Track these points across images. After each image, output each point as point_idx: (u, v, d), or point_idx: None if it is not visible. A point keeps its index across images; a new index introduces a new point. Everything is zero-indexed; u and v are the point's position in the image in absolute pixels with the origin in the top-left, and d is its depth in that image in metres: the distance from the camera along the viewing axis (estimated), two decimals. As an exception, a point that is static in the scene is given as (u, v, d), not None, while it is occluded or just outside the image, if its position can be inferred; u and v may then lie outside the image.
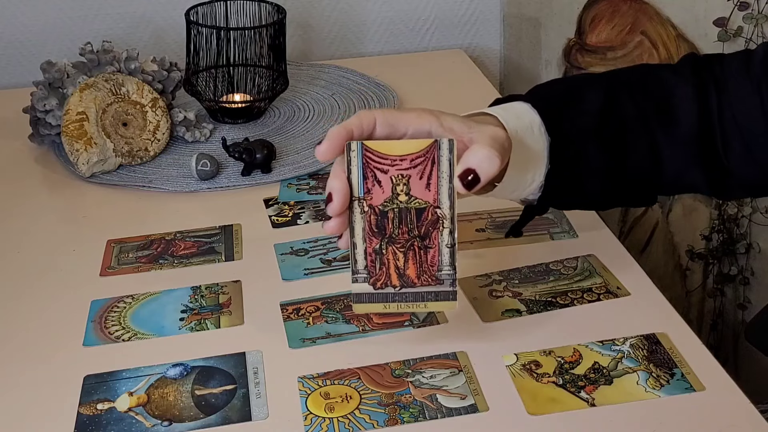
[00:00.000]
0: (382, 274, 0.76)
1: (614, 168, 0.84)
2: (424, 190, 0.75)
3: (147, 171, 1.15)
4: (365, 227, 0.76)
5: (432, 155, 0.74)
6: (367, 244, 0.76)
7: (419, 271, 0.76)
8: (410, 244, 0.76)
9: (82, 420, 0.77)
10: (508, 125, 0.79)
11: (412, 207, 0.75)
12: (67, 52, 1.38)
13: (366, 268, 0.76)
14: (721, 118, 0.85)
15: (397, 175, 0.74)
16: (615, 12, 1.42)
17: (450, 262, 0.76)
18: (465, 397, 0.77)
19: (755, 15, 1.32)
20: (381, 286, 0.76)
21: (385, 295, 0.76)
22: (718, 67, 0.87)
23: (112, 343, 0.86)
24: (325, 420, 0.76)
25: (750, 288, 1.48)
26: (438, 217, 0.75)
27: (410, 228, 0.75)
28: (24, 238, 1.04)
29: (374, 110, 0.76)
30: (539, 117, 0.82)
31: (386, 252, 0.76)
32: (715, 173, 0.86)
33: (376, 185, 0.75)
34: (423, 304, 0.77)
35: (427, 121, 0.76)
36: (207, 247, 1.00)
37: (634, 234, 1.51)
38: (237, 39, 1.22)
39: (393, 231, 0.76)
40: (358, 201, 0.75)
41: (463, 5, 1.55)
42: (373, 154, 0.74)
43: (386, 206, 0.75)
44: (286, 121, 1.27)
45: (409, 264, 0.76)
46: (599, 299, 0.89)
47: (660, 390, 0.77)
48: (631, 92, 0.86)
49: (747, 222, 1.44)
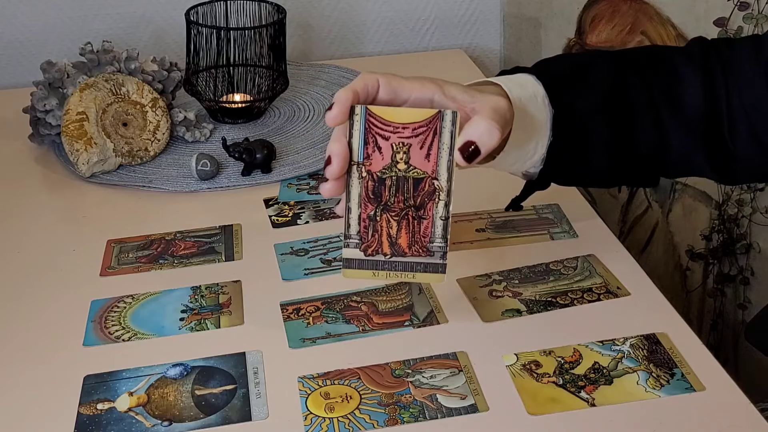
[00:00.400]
0: (374, 241, 0.76)
1: (620, 145, 0.84)
2: (424, 160, 0.75)
3: (147, 171, 1.15)
4: (362, 193, 0.76)
5: (435, 126, 0.74)
6: (362, 210, 0.76)
7: (411, 241, 0.76)
8: (405, 213, 0.76)
9: (82, 420, 0.77)
10: (511, 93, 0.79)
11: (410, 176, 0.75)
12: (67, 52, 1.38)
13: (358, 234, 0.76)
14: (728, 103, 0.84)
15: (398, 143, 0.74)
16: (615, 12, 1.42)
17: (442, 235, 0.76)
18: (465, 397, 0.77)
19: (755, 15, 1.32)
20: (372, 253, 0.77)
21: (375, 263, 0.77)
22: (727, 51, 0.87)
23: (112, 343, 0.86)
24: (325, 420, 0.76)
25: (750, 288, 1.48)
26: (435, 188, 0.75)
27: (406, 197, 0.76)
28: (24, 238, 1.04)
29: (378, 73, 0.76)
30: (543, 89, 0.82)
31: (380, 219, 0.76)
32: (720, 157, 0.86)
33: (377, 151, 0.75)
34: (411, 274, 0.77)
35: (430, 90, 0.76)
36: (207, 247, 1.00)
37: (634, 234, 1.51)
38: (237, 39, 1.22)
39: (389, 199, 0.76)
40: (357, 165, 0.75)
41: (463, 5, 1.55)
42: (377, 120, 0.74)
43: (385, 173, 0.75)
44: (286, 121, 1.27)
45: (401, 233, 0.76)
46: (599, 299, 0.89)
47: (660, 390, 0.77)
48: (639, 72, 0.85)
49: (747, 222, 1.44)
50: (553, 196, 1.00)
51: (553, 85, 0.82)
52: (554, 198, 1.02)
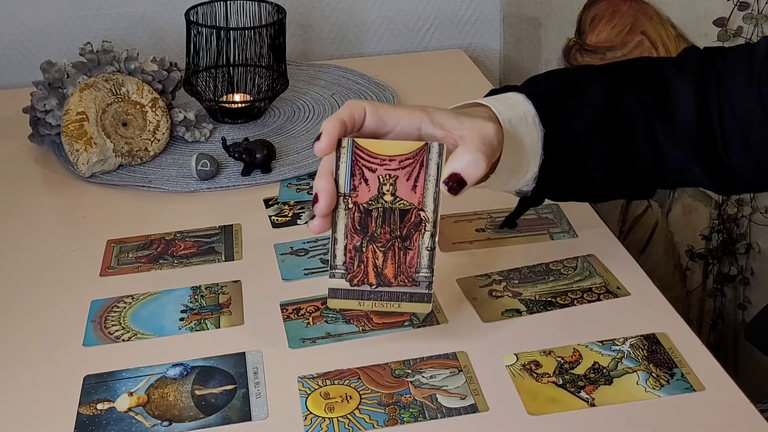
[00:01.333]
0: (359, 272, 0.77)
1: (616, 161, 0.84)
2: (410, 192, 0.75)
3: (147, 171, 1.15)
4: (348, 224, 0.76)
5: (421, 158, 0.74)
6: (348, 241, 0.76)
7: (397, 271, 0.76)
8: (391, 244, 0.76)
9: (82, 420, 0.77)
10: (501, 116, 0.79)
11: (397, 208, 0.75)
12: (67, 52, 1.38)
13: (344, 264, 0.77)
14: (720, 114, 0.84)
15: (385, 175, 0.75)
16: (615, 12, 1.42)
17: (428, 265, 0.76)
18: (465, 397, 0.77)
19: (755, 15, 1.32)
20: (357, 283, 0.77)
21: (361, 293, 0.77)
22: (720, 61, 0.87)
23: (112, 343, 0.86)
24: (325, 420, 0.76)
25: (750, 288, 1.48)
26: (421, 219, 0.75)
27: (392, 228, 0.76)
28: (24, 238, 1.04)
29: (364, 101, 0.76)
30: (533, 108, 0.82)
31: (366, 250, 0.76)
32: (715, 169, 0.86)
33: (363, 183, 0.75)
34: (397, 304, 0.77)
35: (418, 118, 0.76)
36: (207, 247, 1.00)
37: (634, 234, 1.51)
38: (237, 39, 1.22)
39: (375, 230, 0.76)
40: (343, 197, 0.75)
41: (463, 5, 1.55)
42: (363, 152, 0.75)
43: (371, 205, 0.75)
44: (286, 121, 1.27)
45: (387, 263, 0.76)
46: (599, 299, 0.89)
47: (660, 390, 0.77)
48: (632, 87, 0.85)
49: (747, 222, 1.44)
50: (553, 196, 1.00)
51: (544, 103, 0.82)
52: (554, 198, 1.02)
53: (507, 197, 0.93)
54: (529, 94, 0.83)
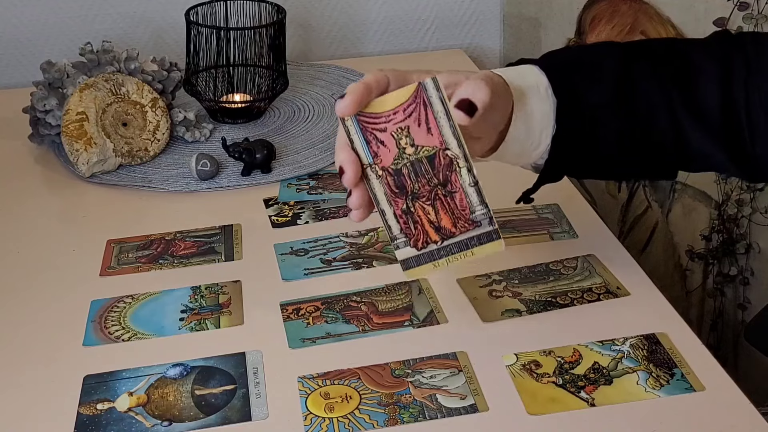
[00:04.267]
0: (419, 233, 0.75)
1: (633, 138, 0.83)
2: (427, 136, 0.73)
3: (147, 171, 1.15)
4: (386, 191, 0.74)
5: (421, 99, 0.73)
6: (394, 207, 0.75)
7: (453, 218, 0.74)
8: (434, 194, 0.74)
9: (82, 420, 0.77)
10: (511, 82, 0.79)
11: (422, 156, 0.74)
12: (67, 52, 1.38)
13: (402, 232, 0.75)
14: (747, 100, 0.82)
15: (396, 129, 0.74)
16: (615, 12, 1.42)
17: (480, 201, 0.74)
18: (465, 397, 0.77)
19: (755, 15, 1.32)
20: (423, 245, 0.75)
21: (430, 254, 0.75)
22: (751, 46, 0.84)
23: (112, 343, 0.86)
24: (325, 420, 0.76)
25: (750, 288, 1.48)
26: (450, 158, 0.74)
27: (428, 178, 0.74)
28: (24, 238, 1.04)
29: (384, 70, 0.76)
30: (546, 79, 0.81)
31: (415, 209, 0.75)
32: (741, 155, 0.84)
33: (381, 146, 0.74)
34: (470, 252, 0.75)
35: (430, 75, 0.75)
36: (207, 247, 1.00)
37: (634, 234, 1.51)
38: (237, 39, 1.22)
39: (413, 186, 0.74)
40: (370, 167, 0.74)
41: (463, 5, 1.55)
42: (366, 117, 0.73)
43: (398, 163, 0.74)
44: (286, 121, 1.27)
45: (441, 215, 0.74)
46: (599, 299, 0.89)
47: (660, 390, 0.77)
48: (652, 65, 0.84)
49: (747, 222, 1.44)
50: (553, 196, 1.00)
51: (559, 74, 0.81)
52: (554, 198, 1.02)
53: (507, 198, 0.93)
54: (542, 66, 0.82)
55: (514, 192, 0.91)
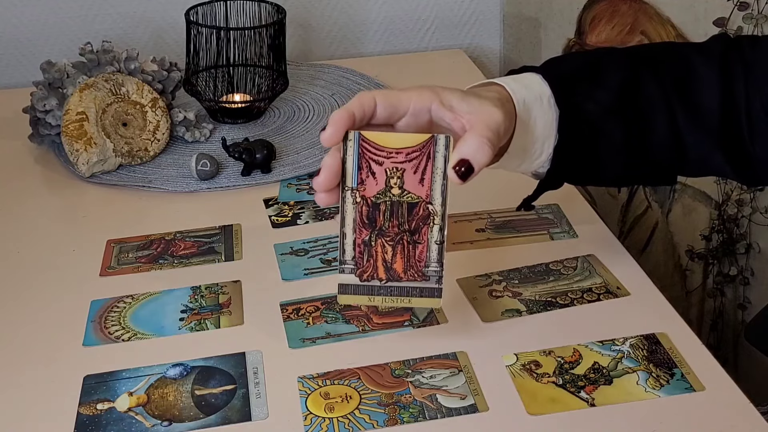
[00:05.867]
0: (369, 266, 0.76)
1: (633, 145, 0.83)
2: (418, 185, 0.75)
3: (147, 171, 1.15)
4: (356, 218, 0.76)
5: (428, 150, 0.74)
6: (356, 235, 0.76)
7: (406, 265, 0.76)
8: (399, 238, 0.76)
9: (82, 420, 0.77)
10: (515, 95, 0.79)
11: (405, 201, 0.75)
12: (67, 52, 1.38)
13: (354, 259, 0.76)
14: (748, 105, 0.83)
15: (392, 168, 0.74)
16: (615, 12, 1.42)
17: (438, 259, 0.76)
18: (465, 397, 0.77)
19: (755, 15, 1.32)
20: (367, 278, 0.76)
21: (371, 288, 0.77)
22: (749, 50, 0.85)
23: (112, 343, 0.86)
24: (325, 420, 0.76)
25: (750, 288, 1.48)
26: (429, 212, 0.75)
27: (401, 222, 0.75)
28: (24, 238, 1.04)
29: (374, 91, 0.75)
30: (549, 89, 0.81)
31: (375, 244, 0.76)
32: (740, 159, 0.84)
33: (370, 176, 0.75)
34: (407, 299, 0.77)
35: (428, 99, 0.75)
36: (207, 247, 1.00)
37: (634, 234, 1.51)
38: (237, 39, 1.22)
39: (384, 224, 0.76)
40: (351, 191, 0.75)
41: (463, 5, 1.55)
42: (370, 145, 0.74)
43: (379, 198, 0.75)
44: (286, 121, 1.27)
45: (396, 258, 0.76)
46: (599, 299, 0.89)
47: (660, 390, 0.77)
48: (653, 71, 0.84)
49: (747, 222, 1.44)
50: (554, 197, 1.00)
51: (561, 84, 0.82)
52: (554, 198, 1.02)
53: (507, 198, 0.93)
54: (546, 74, 0.82)
55: (515, 192, 0.91)
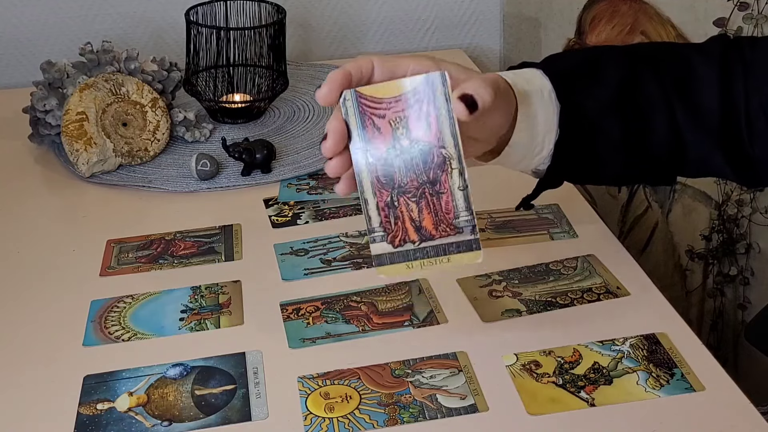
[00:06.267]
0: (398, 230, 0.73)
1: (632, 144, 0.83)
2: (425, 131, 0.72)
3: (147, 171, 1.15)
4: (372, 180, 0.72)
5: (426, 91, 0.71)
6: (377, 198, 0.72)
7: (436, 220, 0.72)
8: (421, 191, 0.72)
9: (82, 420, 0.77)
10: (516, 86, 0.78)
11: (416, 150, 0.72)
12: (67, 52, 1.38)
13: (381, 225, 0.73)
14: (747, 105, 0.82)
15: (395, 118, 0.72)
16: (615, 12, 1.42)
17: (466, 207, 0.72)
18: (465, 397, 0.77)
19: (755, 15, 1.32)
20: (400, 243, 0.73)
21: (406, 253, 0.73)
22: (749, 50, 0.84)
23: (112, 343, 0.86)
24: (325, 420, 0.76)
25: (750, 288, 1.48)
26: (444, 157, 0.72)
27: (418, 174, 0.72)
28: (24, 238, 1.04)
29: (372, 55, 0.75)
30: (550, 83, 0.81)
31: (399, 204, 0.72)
32: (739, 160, 0.84)
33: (376, 132, 0.72)
34: (446, 258, 0.73)
35: (426, 66, 0.74)
36: (207, 247, 1.00)
37: (634, 234, 1.51)
38: (237, 39, 1.22)
39: (401, 179, 0.72)
40: (361, 151, 0.72)
41: (463, 5, 1.55)
42: (367, 100, 0.72)
43: (390, 153, 0.72)
44: (286, 121, 1.27)
45: (423, 214, 0.72)
46: (599, 299, 0.89)
47: (660, 390, 0.77)
48: (653, 70, 0.84)
49: (747, 222, 1.44)
50: (554, 196, 1.00)
51: (561, 80, 0.81)
52: (554, 198, 1.02)
53: (507, 198, 0.93)
54: (546, 70, 0.82)
55: (515, 192, 0.91)
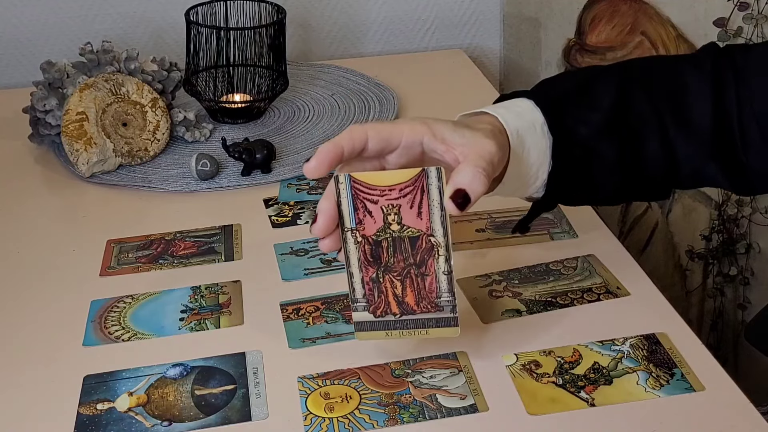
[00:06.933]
0: (381, 302, 0.76)
1: (628, 164, 0.83)
2: (416, 219, 0.74)
3: (147, 171, 1.15)
4: (360, 257, 0.75)
5: (421, 184, 0.73)
6: (363, 273, 0.76)
7: (418, 298, 0.76)
8: (407, 272, 0.76)
9: (82, 420, 0.77)
10: (508, 125, 0.79)
11: (406, 236, 0.75)
12: (67, 52, 1.38)
13: (365, 297, 0.76)
14: (740, 114, 0.82)
15: (388, 205, 0.74)
16: (615, 12, 1.42)
17: (448, 289, 0.76)
18: (465, 397, 0.77)
19: (755, 15, 1.32)
20: (381, 314, 0.77)
21: (386, 323, 0.77)
22: (740, 58, 0.85)
23: (112, 343, 0.86)
24: (325, 420, 0.76)
25: (750, 288, 1.48)
26: (432, 245, 0.75)
27: (406, 256, 0.75)
28: (24, 238, 1.04)
29: (366, 125, 0.75)
30: (542, 116, 0.81)
31: (383, 280, 0.76)
32: (733, 169, 0.84)
33: (368, 215, 0.74)
34: (425, 331, 0.77)
35: (419, 132, 0.75)
36: (207, 247, 1.00)
37: (634, 234, 1.51)
38: (237, 39, 1.22)
39: (388, 260, 0.75)
40: (351, 231, 0.75)
41: (463, 5, 1.55)
42: (361, 185, 0.74)
43: (379, 235, 0.75)
44: (286, 121, 1.27)
45: (407, 291, 0.76)
46: (599, 299, 0.89)
47: (660, 390, 0.77)
48: (644, 87, 0.84)
49: (747, 222, 1.44)
50: (553, 196, 1.00)
51: (553, 110, 0.81)
52: (554, 198, 1.02)
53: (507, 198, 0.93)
54: (537, 100, 0.82)
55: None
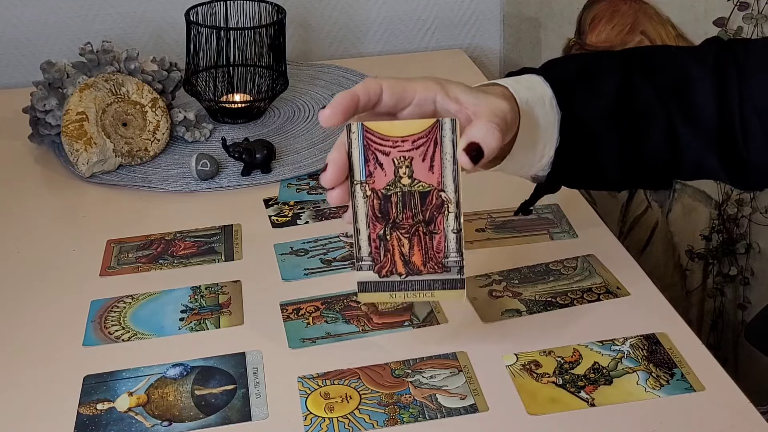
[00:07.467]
0: (387, 261, 0.74)
1: (630, 150, 0.83)
2: (428, 173, 0.72)
3: (147, 171, 1.15)
4: (368, 212, 0.73)
5: (434, 136, 0.72)
6: (370, 230, 0.74)
7: (425, 257, 0.74)
8: (415, 229, 0.74)
9: (82, 420, 0.77)
10: (518, 95, 0.78)
11: (416, 190, 0.73)
12: (67, 52, 1.38)
13: (370, 255, 0.74)
14: (741, 109, 0.83)
15: (399, 157, 0.72)
16: (615, 12, 1.42)
17: (456, 249, 0.74)
18: (465, 397, 0.77)
19: (755, 15, 1.32)
20: (386, 274, 0.74)
21: (391, 284, 0.74)
22: (743, 54, 0.85)
23: (112, 343, 0.86)
24: (325, 420, 0.76)
25: (750, 288, 1.48)
26: (443, 200, 0.73)
27: (414, 213, 0.73)
28: (24, 238, 1.04)
29: (381, 78, 0.74)
30: (551, 90, 0.81)
31: (390, 238, 0.74)
32: (734, 163, 0.84)
33: (378, 168, 0.73)
34: (430, 293, 0.74)
35: (433, 90, 0.75)
36: (207, 247, 1.00)
37: (634, 234, 1.51)
38: (237, 39, 1.22)
39: (397, 216, 0.73)
40: (360, 185, 0.73)
41: (463, 5, 1.55)
42: (374, 135, 0.72)
43: (389, 190, 0.73)
44: (286, 121, 1.27)
45: (414, 250, 0.74)
46: (599, 299, 0.89)
47: (660, 390, 0.77)
48: (649, 76, 0.84)
49: (747, 222, 1.44)
50: (554, 197, 1.00)
51: (561, 87, 0.81)
52: (554, 198, 1.01)
53: (507, 198, 0.93)
54: (546, 76, 0.82)
55: (515, 192, 0.91)
